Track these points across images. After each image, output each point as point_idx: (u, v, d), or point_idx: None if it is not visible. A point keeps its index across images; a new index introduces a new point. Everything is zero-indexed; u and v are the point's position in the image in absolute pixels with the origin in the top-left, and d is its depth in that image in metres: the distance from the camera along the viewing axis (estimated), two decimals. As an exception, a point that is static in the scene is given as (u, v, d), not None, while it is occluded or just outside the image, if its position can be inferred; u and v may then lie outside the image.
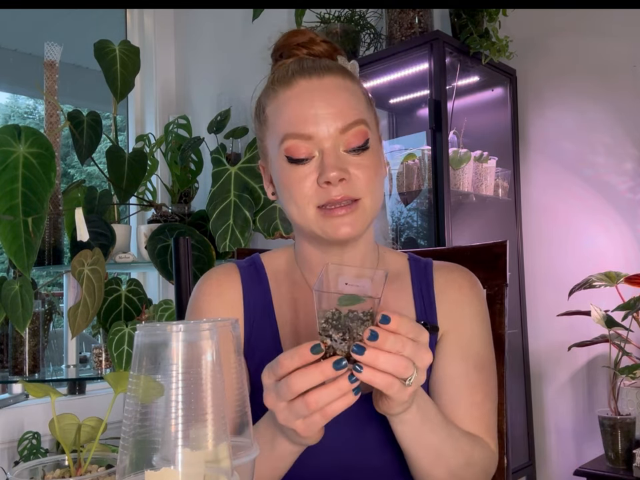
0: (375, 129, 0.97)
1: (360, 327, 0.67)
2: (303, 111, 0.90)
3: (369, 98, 0.99)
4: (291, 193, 0.92)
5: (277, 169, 0.94)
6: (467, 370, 0.94)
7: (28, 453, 1.73)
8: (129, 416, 0.49)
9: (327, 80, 0.93)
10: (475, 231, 2.12)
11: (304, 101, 0.91)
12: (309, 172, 0.90)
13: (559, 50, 2.13)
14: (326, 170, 0.88)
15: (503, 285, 1.11)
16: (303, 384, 0.66)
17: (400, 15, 2.05)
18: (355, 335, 0.67)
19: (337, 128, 0.89)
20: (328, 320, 0.67)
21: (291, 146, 0.90)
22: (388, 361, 0.65)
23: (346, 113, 0.90)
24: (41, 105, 2.63)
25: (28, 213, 1.60)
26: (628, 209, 1.99)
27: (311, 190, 0.90)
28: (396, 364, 0.66)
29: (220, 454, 0.49)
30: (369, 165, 0.92)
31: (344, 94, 0.93)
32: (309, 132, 0.89)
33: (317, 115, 0.89)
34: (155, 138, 2.58)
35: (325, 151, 0.89)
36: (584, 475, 1.74)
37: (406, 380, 0.68)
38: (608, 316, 1.78)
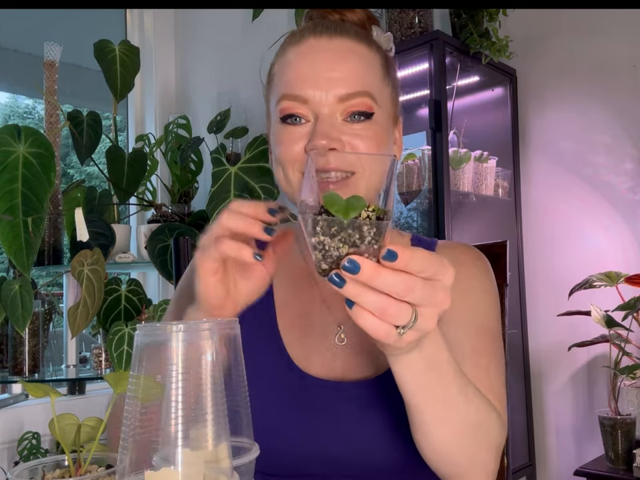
0: (389, 108, 0.89)
1: (354, 234, 0.53)
2: (303, 72, 0.84)
3: (388, 72, 0.90)
4: (278, 154, 0.86)
5: (273, 131, 0.88)
6: (468, 336, 0.86)
7: (28, 453, 1.73)
8: (128, 416, 0.49)
9: (336, 41, 0.85)
10: (475, 230, 2.12)
11: (307, 61, 0.85)
12: (299, 135, 0.84)
13: (559, 50, 2.13)
14: (315, 137, 0.81)
15: (503, 285, 1.11)
16: (234, 222, 0.69)
17: (400, 14, 2.05)
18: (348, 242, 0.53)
19: (335, 95, 0.82)
20: (316, 224, 0.53)
21: (285, 107, 0.84)
22: (374, 301, 0.53)
23: (350, 80, 0.83)
24: (40, 105, 2.62)
25: (28, 212, 1.60)
26: (628, 209, 1.99)
27: (299, 155, 0.83)
28: (384, 307, 0.53)
29: (220, 454, 0.49)
30: (372, 136, 0.84)
31: (353, 59, 0.85)
32: (306, 95, 0.83)
33: (317, 78, 0.83)
34: (154, 138, 2.57)
35: (320, 117, 0.82)
36: (584, 475, 1.74)
37: (398, 327, 0.55)
38: (608, 316, 1.78)
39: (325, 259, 0.53)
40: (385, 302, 0.53)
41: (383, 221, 0.53)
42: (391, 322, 0.54)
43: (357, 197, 0.52)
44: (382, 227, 0.52)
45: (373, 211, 0.53)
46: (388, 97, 0.88)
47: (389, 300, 0.53)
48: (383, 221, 0.53)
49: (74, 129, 2.05)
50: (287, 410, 0.87)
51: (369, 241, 0.52)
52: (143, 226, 2.36)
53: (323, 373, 0.89)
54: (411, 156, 2.05)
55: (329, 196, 0.52)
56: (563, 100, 2.12)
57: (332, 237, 0.52)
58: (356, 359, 0.90)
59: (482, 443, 0.74)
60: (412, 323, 0.55)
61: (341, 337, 0.92)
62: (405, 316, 0.54)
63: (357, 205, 0.52)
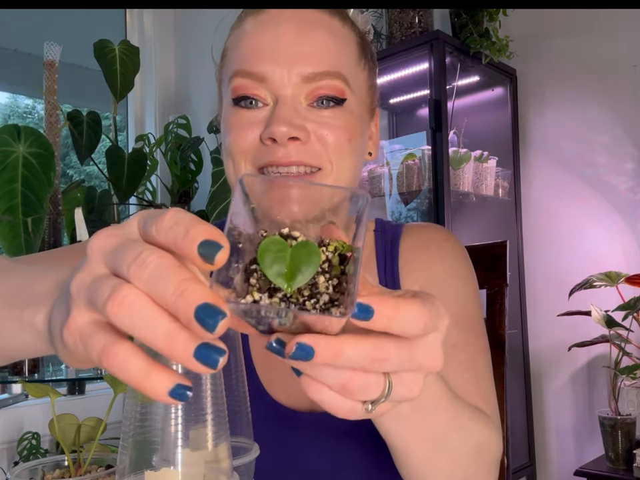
0: (364, 96, 0.75)
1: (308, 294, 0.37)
2: (261, 45, 0.69)
3: (364, 53, 0.76)
4: (228, 143, 0.71)
5: (224, 116, 0.74)
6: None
7: (27, 453, 1.73)
8: (128, 416, 0.49)
9: (304, 11, 0.71)
10: (475, 230, 2.12)
11: (266, 33, 0.70)
12: (255, 121, 0.69)
13: (559, 50, 2.13)
14: (273, 122, 0.66)
15: (503, 285, 1.11)
16: (156, 260, 0.35)
17: (400, 14, 2.05)
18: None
19: (299, 73, 0.68)
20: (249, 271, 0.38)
21: (238, 86, 0.70)
22: (332, 377, 0.38)
23: (318, 56, 0.69)
24: (40, 105, 2.62)
25: (27, 212, 1.60)
26: (628, 209, 1.99)
27: (253, 145, 0.69)
28: (345, 382, 0.38)
29: (220, 454, 0.49)
30: (343, 126, 0.69)
31: (323, 32, 0.70)
32: (262, 71, 0.68)
33: (277, 52, 0.68)
34: (154, 138, 2.57)
35: (280, 99, 0.68)
36: (584, 475, 1.74)
37: (366, 402, 0.40)
38: (608, 316, 1.78)
39: (260, 324, 0.38)
40: (346, 376, 0.38)
41: (348, 265, 0.38)
42: (355, 398, 0.39)
43: (308, 248, 0.37)
44: (349, 274, 0.37)
45: (335, 250, 0.38)
46: (364, 82, 0.75)
47: (353, 373, 0.38)
48: (348, 264, 0.38)
49: (74, 129, 2.05)
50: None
51: (326, 300, 0.36)
52: (143, 226, 2.35)
53: (290, 403, 0.79)
54: (411, 156, 2.05)
55: (264, 252, 0.36)
56: (563, 100, 2.12)
57: (271, 297, 0.36)
58: None
59: (482, 467, 0.64)
60: (385, 395, 0.39)
61: None
62: (374, 389, 0.39)
63: (307, 268, 0.36)
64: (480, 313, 0.81)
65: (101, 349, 0.35)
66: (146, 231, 0.37)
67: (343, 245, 0.39)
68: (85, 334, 0.36)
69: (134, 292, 0.34)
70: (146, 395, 0.35)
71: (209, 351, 0.34)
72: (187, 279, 0.34)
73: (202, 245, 0.34)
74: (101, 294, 0.35)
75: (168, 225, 0.35)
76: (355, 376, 0.38)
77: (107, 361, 0.35)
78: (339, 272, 0.38)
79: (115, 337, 0.35)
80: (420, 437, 0.54)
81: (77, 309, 0.37)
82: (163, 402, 0.36)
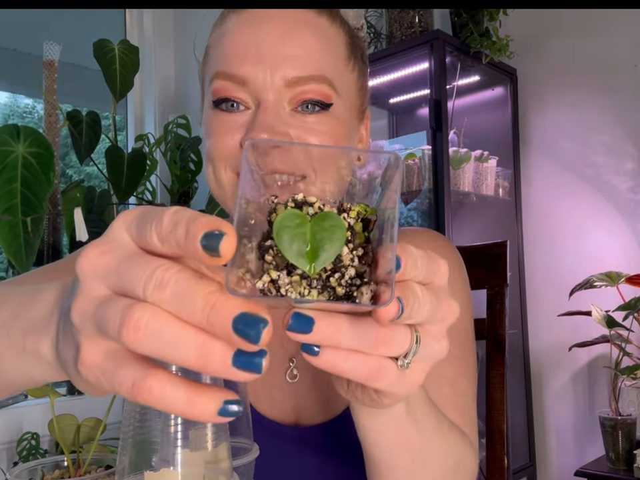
0: (353, 98, 0.71)
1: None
2: (243, 45, 0.66)
3: (354, 53, 0.72)
4: (208, 147, 0.68)
5: (204, 118, 0.71)
6: None
7: (27, 453, 1.72)
8: (128, 416, 0.49)
9: (288, 10, 0.67)
10: (475, 230, 2.12)
11: (248, 32, 0.66)
12: (236, 126, 0.66)
13: (559, 49, 2.12)
14: (254, 129, 0.63)
15: (504, 285, 1.11)
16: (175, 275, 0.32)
17: (400, 14, 2.05)
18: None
19: (282, 77, 0.64)
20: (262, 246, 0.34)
21: (219, 88, 0.66)
22: (363, 333, 0.35)
23: (302, 59, 0.65)
24: (39, 105, 2.62)
25: (27, 212, 1.59)
26: (628, 209, 1.98)
27: (233, 150, 0.66)
28: (371, 339, 0.35)
29: (219, 455, 0.49)
30: (328, 132, 0.66)
31: (308, 33, 0.66)
32: (243, 74, 0.65)
33: (258, 53, 0.64)
34: (154, 137, 2.57)
35: (262, 103, 0.65)
36: (584, 475, 1.74)
37: (398, 358, 0.37)
38: (609, 316, 1.78)
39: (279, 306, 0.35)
40: (374, 332, 0.35)
41: (374, 230, 0.34)
42: (385, 353, 0.36)
43: (330, 220, 0.33)
44: (376, 243, 0.33)
45: (357, 216, 0.34)
46: (352, 84, 0.71)
47: (380, 328, 0.35)
48: (372, 230, 0.34)
49: (73, 129, 2.05)
50: None
51: (352, 275, 0.33)
52: (143, 226, 2.35)
53: (273, 415, 0.77)
54: (411, 156, 2.05)
55: (281, 229, 0.32)
56: (564, 99, 2.12)
57: (290, 275, 0.33)
58: (311, 399, 0.77)
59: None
60: (415, 350, 0.37)
61: (293, 372, 0.77)
62: (403, 339, 0.36)
63: (331, 246, 0.32)
64: (470, 327, 0.78)
65: (131, 386, 0.32)
66: (144, 240, 0.33)
67: (366, 208, 0.35)
68: (107, 370, 0.33)
69: (148, 311, 0.31)
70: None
71: (249, 356, 0.31)
72: (214, 290, 0.31)
73: (204, 239, 0.30)
74: (111, 321, 0.32)
75: (168, 229, 0.32)
76: (382, 330, 0.35)
77: (142, 396, 0.32)
78: (363, 240, 0.34)
79: (143, 368, 0.32)
80: (407, 447, 0.52)
81: (86, 340, 0.34)
82: (216, 422, 0.34)
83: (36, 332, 0.40)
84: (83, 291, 0.34)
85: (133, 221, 0.34)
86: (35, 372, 0.42)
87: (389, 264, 0.32)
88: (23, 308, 0.42)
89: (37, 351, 0.39)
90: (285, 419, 0.77)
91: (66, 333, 0.36)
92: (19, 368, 0.42)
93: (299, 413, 0.77)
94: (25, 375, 0.43)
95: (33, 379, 0.43)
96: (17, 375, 0.43)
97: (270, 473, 0.69)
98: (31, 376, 0.42)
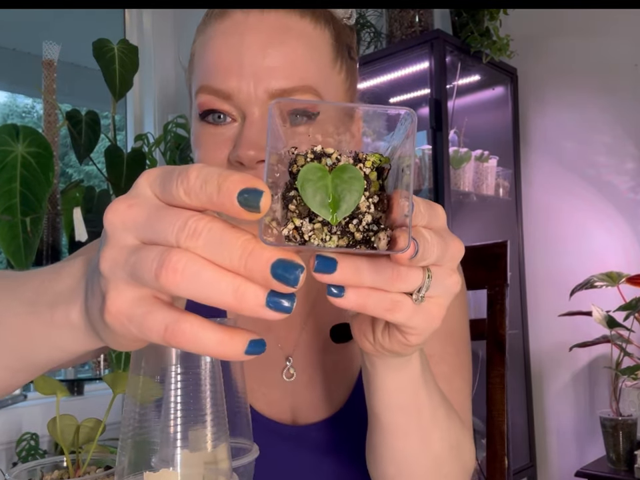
0: (342, 100, 0.71)
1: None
2: (225, 58, 0.65)
3: (340, 53, 0.70)
4: (197, 160, 0.69)
5: (193, 129, 0.71)
6: None
7: (26, 454, 1.72)
8: (127, 417, 0.49)
9: (270, 16, 0.65)
10: (475, 230, 2.12)
11: (230, 44, 0.65)
12: (223, 139, 0.66)
13: (560, 49, 2.12)
14: (240, 145, 0.63)
15: (504, 285, 1.10)
16: (208, 225, 0.34)
17: (400, 13, 2.05)
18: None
19: (266, 90, 0.63)
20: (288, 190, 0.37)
21: (204, 102, 0.66)
22: (378, 274, 0.39)
23: (287, 70, 0.64)
24: (39, 104, 2.62)
25: (26, 212, 1.59)
26: (629, 209, 1.98)
27: (221, 165, 0.65)
28: (391, 276, 0.39)
29: (219, 455, 0.49)
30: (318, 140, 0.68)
31: (291, 42, 0.65)
32: (227, 88, 0.64)
33: (241, 66, 0.63)
34: (153, 137, 2.57)
35: (248, 117, 0.64)
36: (585, 476, 1.74)
37: (412, 294, 0.40)
38: (609, 316, 1.78)
39: (302, 251, 0.38)
40: (390, 271, 0.39)
41: (386, 179, 0.37)
42: (400, 289, 0.39)
43: (348, 172, 0.36)
44: (390, 190, 0.36)
45: (372, 166, 0.37)
46: (339, 86, 0.69)
47: (395, 267, 0.39)
48: (386, 178, 0.37)
49: (72, 128, 2.05)
50: None
51: (369, 221, 0.36)
52: (142, 226, 2.35)
53: (270, 414, 0.77)
54: (411, 155, 2.05)
55: (305, 182, 0.35)
56: (564, 99, 2.11)
57: (312, 222, 0.36)
58: (308, 397, 0.77)
59: (458, 470, 0.63)
60: (427, 285, 0.40)
61: (290, 372, 0.78)
62: (415, 276, 0.39)
63: (350, 197, 0.35)
64: (466, 325, 0.79)
65: (164, 330, 0.34)
66: (170, 195, 0.35)
67: (380, 157, 0.38)
68: (136, 316, 0.35)
69: (186, 255, 0.33)
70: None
71: (281, 297, 0.34)
72: (248, 238, 0.33)
73: (241, 195, 0.32)
74: (147, 265, 0.33)
75: (197, 184, 0.33)
76: (398, 267, 0.38)
77: (175, 340, 0.34)
78: (377, 188, 0.37)
79: (175, 313, 0.34)
80: (419, 413, 0.55)
81: (114, 289, 0.35)
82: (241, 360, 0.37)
83: (64, 302, 0.41)
84: (112, 242, 0.36)
85: (156, 178, 0.36)
86: (65, 342, 0.42)
87: (404, 209, 0.36)
88: (48, 284, 0.43)
89: (67, 320, 0.41)
90: (283, 418, 0.77)
91: (94, 288, 0.38)
92: (50, 342, 0.43)
93: (296, 411, 0.78)
94: (56, 348, 0.44)
95: (64, 350, 0.44)
96: (48, 350, 0.44)
97: (268, 471, 0.70)
98: (61, 347, 0.43)
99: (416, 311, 0.41)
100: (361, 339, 0.49)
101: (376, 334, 0.47)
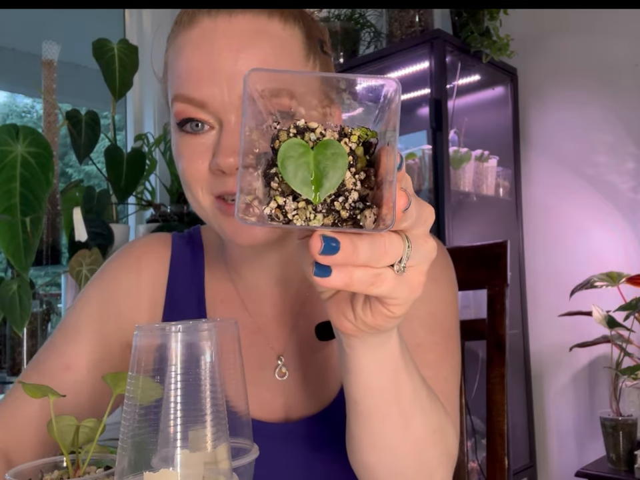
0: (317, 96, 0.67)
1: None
2: (196, 66, 0.65)
3: (311, 48, 0.69)
4: (181, 171, 0.69)
5: (173, 138, 0.71)
6: (412, 330, 0.71)
7: (26, 454, 1.72)
8: (127, 417, 0.48)
9: (238, 20, 0.65)
10: (475, 230, 2.12)
11: (200, 52, 0.65)
12: (203, 149, 0.66)
13: (560, 49, 2.12)
14: (220, 153, 0.64)
15: (504, 285, 1.10)
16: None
17: (400, 13, 2.05)
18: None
19: (239, 95, 0.63)
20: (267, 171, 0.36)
21: (180, 111, 0.67)
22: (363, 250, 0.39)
23: None
24: (39, 104, 2.62)
25: (26, 212, 1.59)
26: (630, 209, 1.98)
27: (204, 174, 0.67)
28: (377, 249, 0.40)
29: (219, 455, 0.49)
30: None
31: (262, 45, 0.65)
32: (201, 97, 0.64)
33: (213, 74, 0.63)
34: (153, 137, 2.57)
35: (225, 125, 0.65)
36: (585, 476, 1.74)
37: (394, 265, 0.41)
38: (609, 316, 1.78)
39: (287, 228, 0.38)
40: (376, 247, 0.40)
41: (374, 154, 0.35)
42: (384, 264, 0.41)
43: (331, 148, 0.34)
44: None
45: (358, 140, 0.36)
46: (314, 82, 0.73)
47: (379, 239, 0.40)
48: (374, 153, 0.35)
49: (72, 128, 2.05)
50: None
51: (355, 198, 0.35)
52: (142, 226, 2.35)
53: (263, 414, 0.77)
54: (411, 155, 2.05)
55: (285, 159, 0.34)
56: (564, 99, 2.11)
57: (296, 200, 0.35)
58: (300, 395, 0.78)
59: (441, 455, 0.62)
60: (408, 254, 0.41)
61: (282, 370, 0.78)
62: (397, 246, 0.40)
63: (333, 174, 0.34)
64: (454, 318, 0.79)
65: None
66: None
67: (367, 132, 0.36)
68: None
69: None
70: None
71: None
72: None
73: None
74: None
75: None
76: (382, 241, 0.39)
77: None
78: (364, 164, 0.36)
79: None
80: (399, 394, 0.55)
81: None
82: None
83: None
84: None
85: None
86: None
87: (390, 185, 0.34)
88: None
89: None
90: (275, 417, 0.78)
91: None
92: None
93: (288, 410, 0.78)
94: None
95: None
96: None
97: (258, 468, 0.68)
98: None
99: (398, 281, 0.42)
100: (340, 320, 0.48)
101: (356, 311, 0.46)
